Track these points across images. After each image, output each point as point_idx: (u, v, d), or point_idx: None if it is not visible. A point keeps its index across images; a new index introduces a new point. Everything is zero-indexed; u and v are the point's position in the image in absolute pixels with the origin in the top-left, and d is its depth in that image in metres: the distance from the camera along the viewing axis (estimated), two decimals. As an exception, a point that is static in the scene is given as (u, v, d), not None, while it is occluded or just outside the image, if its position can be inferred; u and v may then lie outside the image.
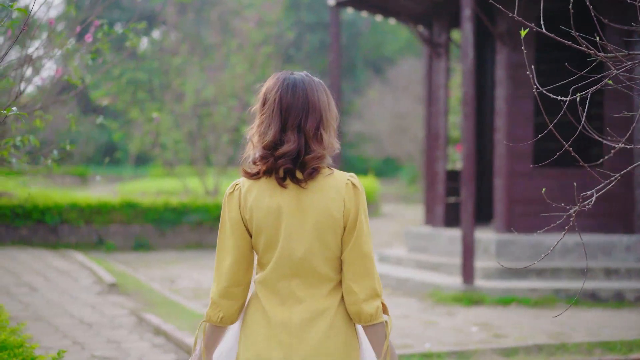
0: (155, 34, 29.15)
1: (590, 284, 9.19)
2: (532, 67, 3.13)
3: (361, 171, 31.23)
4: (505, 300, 8.91)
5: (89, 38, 5.43)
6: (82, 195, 14.43)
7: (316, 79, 2.78)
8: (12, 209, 12.64)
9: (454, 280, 9.51)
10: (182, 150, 15.91)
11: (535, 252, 9.86)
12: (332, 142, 2.71)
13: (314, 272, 2.67)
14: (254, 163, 2.69)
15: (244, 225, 2.72)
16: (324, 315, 2.66)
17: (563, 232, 9.45)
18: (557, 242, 2.91)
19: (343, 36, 34.67)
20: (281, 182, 2.65)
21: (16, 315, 8.10)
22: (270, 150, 2.64)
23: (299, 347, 2.64)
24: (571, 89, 3.04)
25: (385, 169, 33.14)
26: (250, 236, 2.73)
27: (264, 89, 2.74)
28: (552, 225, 3.11)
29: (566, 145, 3.03)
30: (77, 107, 29.73)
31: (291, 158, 2.62)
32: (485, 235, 10.11)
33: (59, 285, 9.79)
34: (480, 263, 9.72)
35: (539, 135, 3.06)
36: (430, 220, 11.72)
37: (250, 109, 2.81)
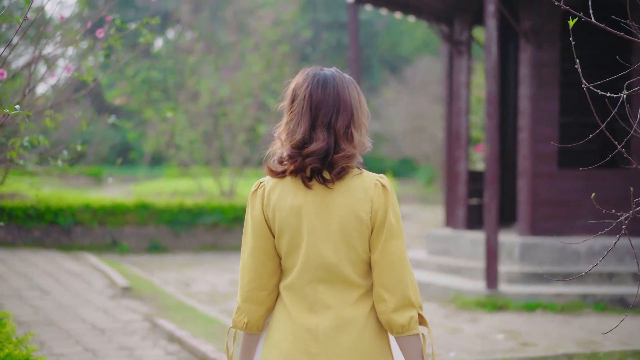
0: (170, 33, 28.99)
1: (618, 289, 8.89)
2: (578, 61, 2.86)
3: (377, 171, 30.73)
4: (531, 306, 8.62)
5: (100, 33, 5.20)
6: (95, 196, 14.23)
7: (346, 75, 2.66)
8: (25, 210, 12.44)
9: (477, 285, 9.23)
10: (197, 150, 15.69)
11: (561, 255, 9.56)
12: (362, 141, 2.60)
13: (340, 277, 2.56)
14: (280, 162, 2.59)
15: (267, 225, 2.61)
16: (353, 324, 2.54)
17: (587, 235, 9.10)
18: (614, 244, 2.64)
19: (359, 36, 34.41)
20: (307, 181, 2.55)
21: (27, 320, 7.89)
22: (299, 149, 2.54)
23: (325, 357, 2.53)
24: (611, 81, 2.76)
25: (402, 169, 32.84)
26: (274, 237, 2.62)
27: (292, 85, 2.64)
28: (604, 230, 2.82)
29: (619, 147, 2.75)
30: (91, 107, 29.62)
31: (319, 157, 2.52)
32: (508, 238, 9.82)
33: (71, 289, 9.58)
34: (504, 267, 9.44)
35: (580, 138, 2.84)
36: (451, 222, 11.44)
37: (277, 106, 2.70)
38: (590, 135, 3.00)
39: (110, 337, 7.29)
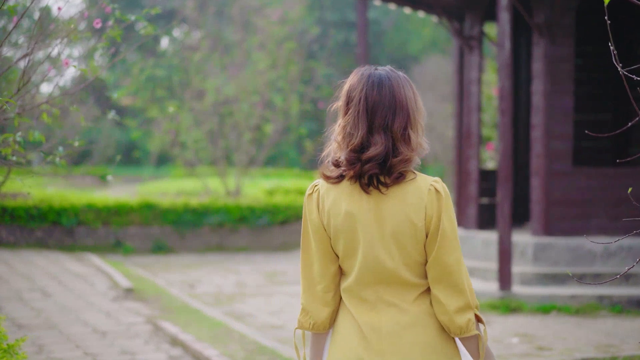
0: (177, 32, 28.78)
1: (636, 290, 8.62)
2: (615, 54, 2.62)
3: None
4: (545, 308, 8.36)
5: (97, 23, 4.96)
6: (99, 196, 14.00)
7: (401, 73, 2.60)
8: (27, 210, 12.23)
9: (490, 286, 8.96)
10: (202, 149, 15.44)
11: (575, 256, 9.30)
12: (420, 143, 2.57)
13: (398, 279, 2.57)
14: (335, 164, 2.55)
15: (324, 229, 2.61)
16: (415, 320, 2.56)
17: (606, 236, 8.81)
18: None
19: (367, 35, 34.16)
20: (365, 188, 2.53)
21: (27, 323, 7.67)
22: (357, 153, 2.50)
23: (391, 353, 2.54)
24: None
25: (410, 169, 32.51)
26: (331, 239, 2.62)
27: (346, 87, 2.59)
28: (634, 231, 2.59)
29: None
30: (96, 106, 29.43)
31: (378, 162, 2.49)
32: (521, 238, 9.56)
33: (74, 291, 9.36)
34: (517, 268, 9.18)
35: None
36: (461, 221, 11.18)
37: (331, 107, 2.64)
38: (620, 130, 2.77)
39: (112, 341, 7.06)
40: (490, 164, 14.36)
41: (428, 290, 2.59)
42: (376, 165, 2.49)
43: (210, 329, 7.47)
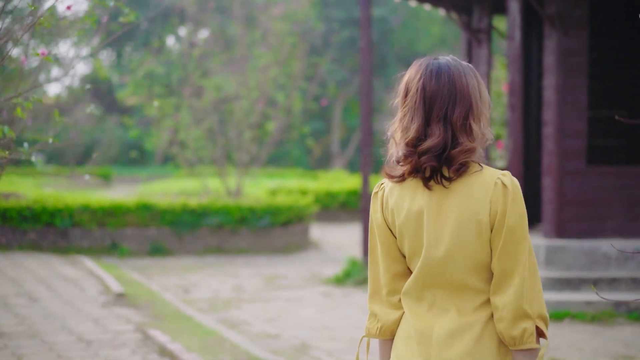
0: (182, 32, 28.39)
1: (654, 297, 8.14)
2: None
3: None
4: (558, 315, 7.89)
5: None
6: (95, 196, 13.58)
7: (464, 62, 2.48)
8: (20, 211, 11.80)
9: (499, 292, 8.49)
10: (202, 148, 14.99)
11: (590, 259, 8.82)
12: (483, 133, 2.43)
13: (459, 282, 2.43)
14: (398, 162, 2.46)
15: (389, 229, 2.52)
16: (470, 330, 2.40)
17: (622, 238, 8.30)
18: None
19: (374, 33, 33.70)
20: (426, 182, 2.41)
21: (8, 331, 7.26)
22: (414, 146, 2.40)
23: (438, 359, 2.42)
24: None
25: (418, 168, 32.07)
26: (396, 239, 2.52)
27: (405, 78, 2.49)
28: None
29: None
30: (100, 106, 29.08)
31: (435, 154, 2.37)
32: (532, 241, 9.08)
33: (63, 296, 8.94)
34: (528, 272, 8.70)
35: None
36: (469, 223, 10.71)
37: (392, 103, 2.53)
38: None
39: (96, 351, 6.64)
40: (499, 163, 13.85)
41: None
42: (433, 158, 2.38)
43: (201, 338, 7.04)
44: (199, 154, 15.19)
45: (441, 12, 11.85)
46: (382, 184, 2.57)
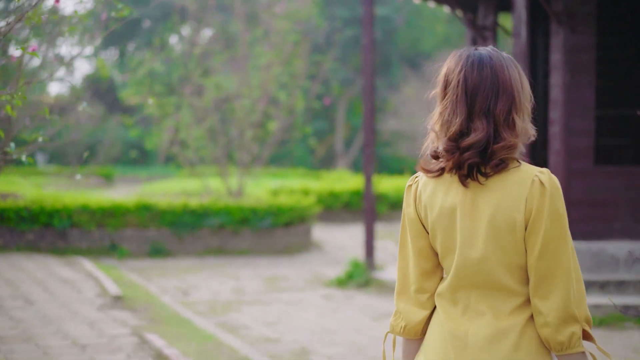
0: (185, 31, 28.23)
1: (664, 300, 7.94)
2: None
3: (397, 171, 30.05)
4: (565, 319, 7.68)
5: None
6: (94, 196, 13.40)
7: (504, 53, 2.39)
8: (18, 211, 11.62)
9: (505, 295, 8.31)
10: (203, 147, 14.80)
11: (597, 262, 8.63)
12: (526, 128, 2.33)
13: (495, 283, 2.33)
14: (434, 157, 2.37)
15: (421, 224, 2.43)
16: (507, 334, 2.30)
17: (630, 240, 8.08)
18: None
19: (378, 33, 33.49)
20: (464, 179, 2.32)
21: (3, 334, 7.08)
22: (456, 141, 2.31)
23: None
24: None
25: (422, 168, 31.85)
26: (429, 235, 2.44)
27: (444, 70, 2.39)
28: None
29: None
30: (102, 105, 28.93)
31: (479, 150, 2.28)
32: (539, 243, 8.88)
33: (59, 298, 8.76)
34: (534, 274, 8.52)
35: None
36: (474, 224, 10.52)
37: (428, 95, 2.44)
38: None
39: (91, 356, 6.47)
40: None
41: (529, 300, 2.34)
42: (476, 154, 2.28)
43: (199, 342, 6.86)
44: (200, 153, 15.00)
45: (446, 9, 11.65)
46: (416, 177, 2.48)
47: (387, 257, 12.55)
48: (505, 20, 13.33)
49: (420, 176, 2.45)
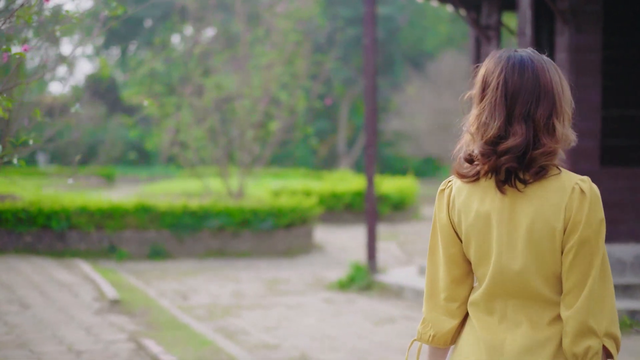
0: (188, 31, 28.11)
1: (672, 305, 7.78)
2: None
3: (399, 171, 29.91)
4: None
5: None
6: (93, 198, 13.26)
7: (545, 56, 2.31)
8: (15, 213, 11.48)
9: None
10: (203, 148, 14.64)
11: (603, 265, 8.45)
12: (566, 134, 2.27)
13: (533, 293, 2.27)
14: (468, 161, 2.29)
15: (454, 230, 2.36)
16: (545, 346, 2.25)
17: (637, 242, 7.89)
18: None
19: (380, 32, 33.34)
20: (500, 185, 2.25)
21: (-3, 340, 6.94)
22: (493, 145, 2.23)
23: None
24: None
25: (425, 168, 31.76)
26: (462, 242, 2.36)
27: (482, 71, 2.32)
28: None
29: None
30: (104, 105, 28.81)
31: (516, 155, 2.21)
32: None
33: (56, 302, 8.62)
34: (539, 278, 8.36)
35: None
36: (478, 226, 10.36)
37: (463, 96, 2.37)
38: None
39: (86, 363, 6.32)
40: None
41: None
42: (514, 158, 2.21)
43: (197, 348, 6.71)
44: (200, 154, 14.85)
45: (449, 8, 11.50)
46: (449, 181, 2.41)
47: (390, 259, 12.41)
48: (510, 19, 13.17)
49: (454, 180, 2.39)
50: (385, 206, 17.94)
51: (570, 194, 2.22)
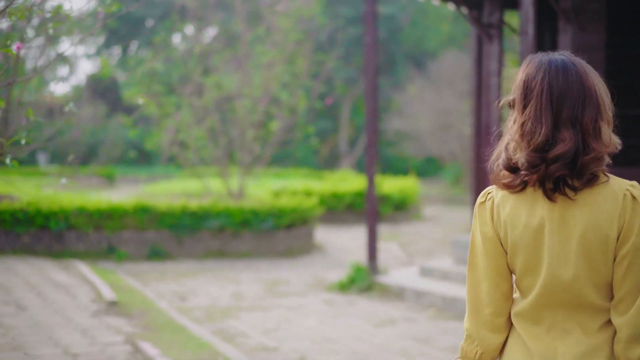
0: (189, 30, 28.03)
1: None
2: None
3: (401, 171, 29.81)
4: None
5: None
6: (91, 198, 13.16)
7: (582, 59, 2.28)
8: (13, 213, 11.39)
9: (511, 301, 8.05)
10: (203, 147, 14.53)
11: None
12: (612, 138, 2.21)
13: (583, 301, 2.24)
14: (508, 169, 2.23)
15: (499, 242, 2.30)
16: (600, 351, 2.22)
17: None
18: None
19: (382, 32, 33.24)
20: (550, 194, 2.19)
21: (-9, 342, 6.84)
22: (541, 152, 2.17)
23: None
24: None
25: (427, 168, 31.63)
26: (506, 254, 2.30)
27: (521, 77, 2.25)
28: None
29: None
30: (105, 105, 28.72)
31: (566, 162, 2.15)
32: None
33: (53, 304, 8.52)
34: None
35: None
36: (480, 227, 10.25)
37: (501, 101, 2.31)
38: None
39: (82, 365, 6.23)
40: (511, 164, 13.43)
41: None
42: (564, 166, 2.16)
43: (194, 351, 6.61)
44: (200, 154, 14.75)
45: (450, 7, 11.40)
46: (489, 192, 2.34)
47: (391, 259, 12.31)
48: (512, 18, 13.07)
49: (494, 192, 2.31)
50: (386, 206, 17.84)
51: (622, 201, 2.18)
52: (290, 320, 8.16)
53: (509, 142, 2.25)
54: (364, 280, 9.79)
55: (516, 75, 2.29)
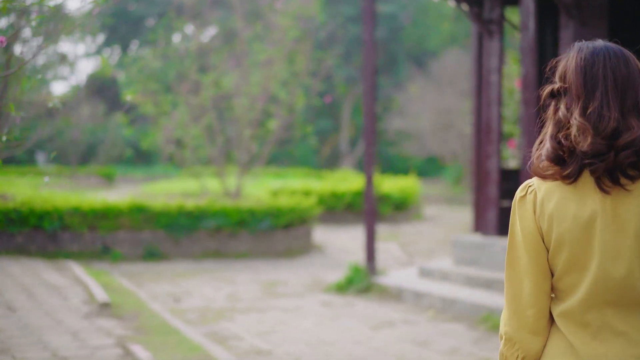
0: (189, 30, 27.87)
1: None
2: None
3: (402, 171, 29.63)
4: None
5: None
6: (86, 197, 12.99)
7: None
8: (6, 213, 11.22)
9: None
10: (200, 146, 14.35)
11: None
12: None
13: (635, 299, 2.14)
14: (553, 160, 2.12)
15: (541, 238, 2.19)
16: None
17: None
18: None
19: (383, 31, 33.08)
20: (607, 183, 2.09)
21: (-21, 345, 6.67)
22: (609, 140, 2.07)
23: None
24: None
25: (428, 168, 31.47)
26: (547, 251, 2.20)
27: (577, 62, 2.14)
28: None
29: None
30: (104, 105, 28.57)
31: (636, 150, 2.06)
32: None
33: (44, 305, 8.35)
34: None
35: None
36: (480, 226, 10.08)
37: (541, 90, 2.22)
38: None
39: (70, 369, 6.06)
40: (512, 163, 13.21)
41: None
42: (633, 153, 2.06)
43: (185, 354, 6.44)
44: (197, 153, 14.57)
45: (450, 3, 11.22)
46: (529, 185, 2.22)
47: (390, 260, 12.13)
48: (512, 14, 12.89)
49: (536, 184, 2.20)
50: (386, 206, 17.66)
51: None
52: (286, 322, 7.99)
53: (559, 130, 2.15)
54: (362, 281, 9.61)
55: (563, 62, 2.19)
